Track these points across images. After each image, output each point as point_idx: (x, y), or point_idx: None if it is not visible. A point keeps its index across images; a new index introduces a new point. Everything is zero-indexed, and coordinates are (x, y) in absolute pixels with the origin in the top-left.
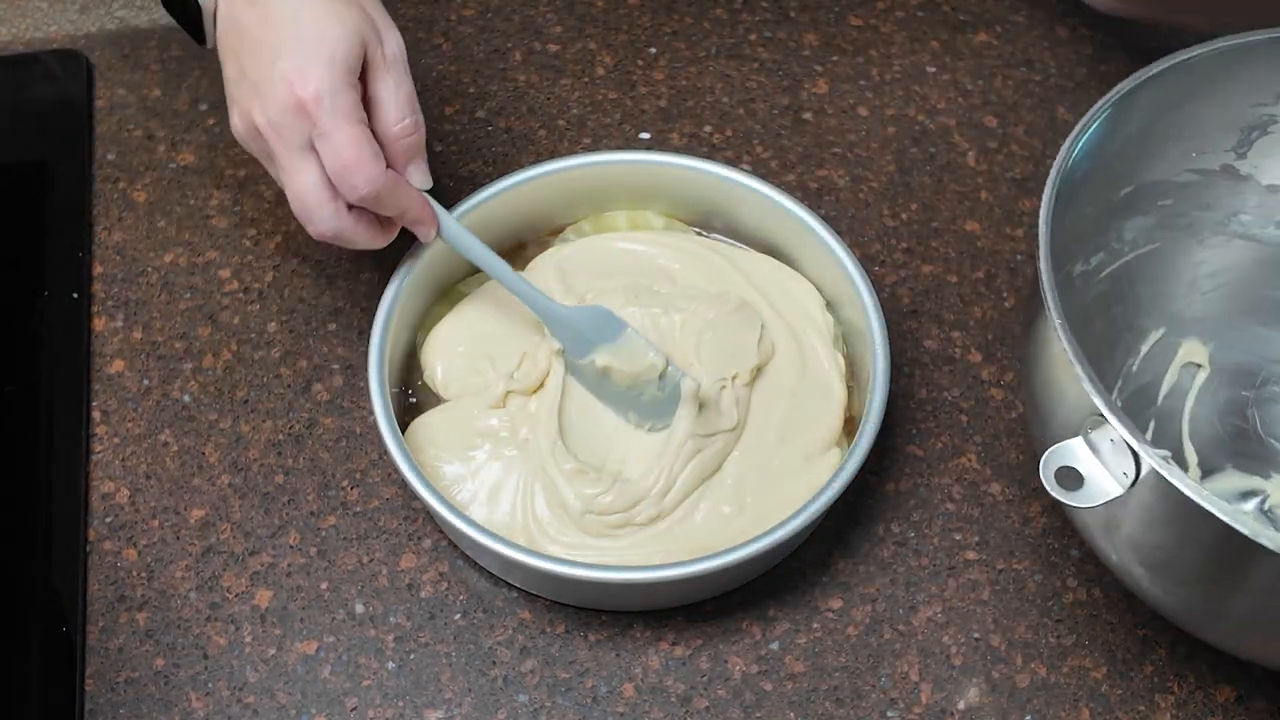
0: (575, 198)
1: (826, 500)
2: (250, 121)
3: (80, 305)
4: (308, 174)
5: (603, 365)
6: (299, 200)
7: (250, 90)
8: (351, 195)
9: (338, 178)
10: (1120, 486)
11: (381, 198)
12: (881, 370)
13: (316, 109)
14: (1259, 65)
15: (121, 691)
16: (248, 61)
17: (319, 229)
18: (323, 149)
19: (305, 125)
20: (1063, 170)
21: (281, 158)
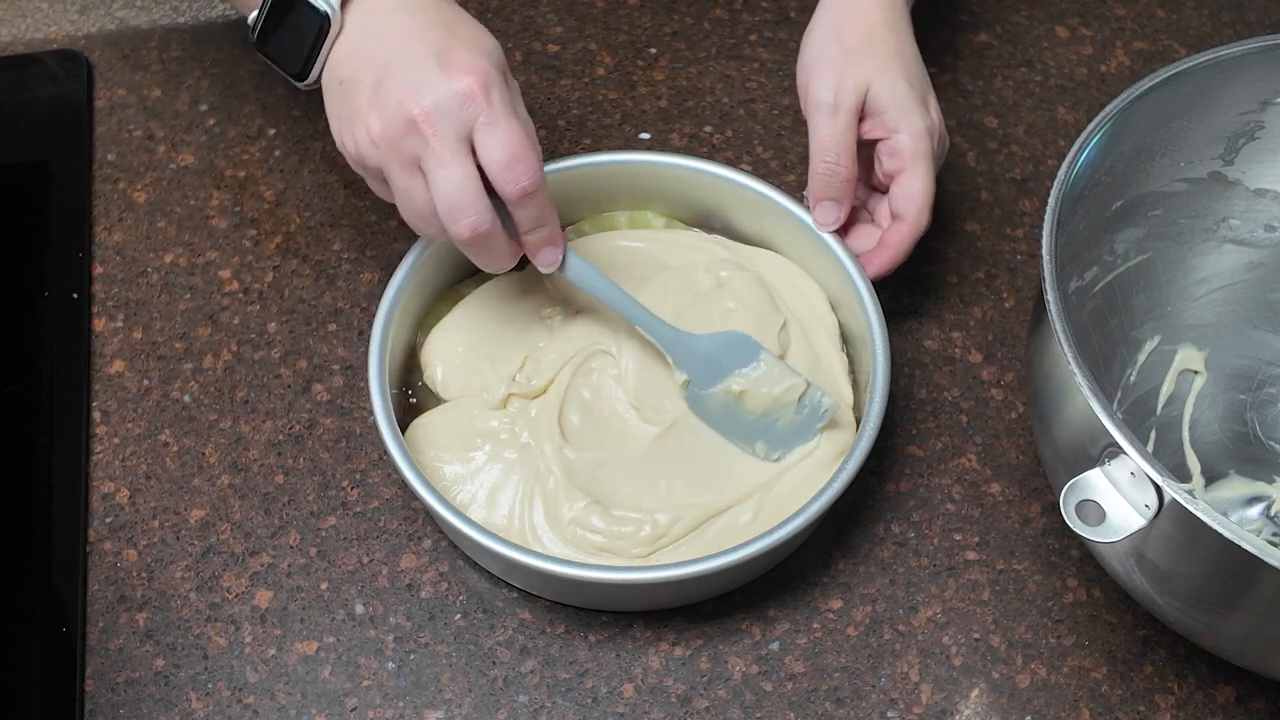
0: (575, 198)
1: (826, 501)
2: (399, 118)
3: (80, 305)
4: (465, 166)
5: (739, 390)
6: (456, 192)
7: (400, 86)
8: (514, 186)
9: (504, 167)
10: (1142, 519)
11: (538, 197)
12: (881, 371)
13: (485, 97)
14: (1247, 76)
15: (121, 692)
16: (395, 62)
17: (474, 223)
18: (488, 138)
19: (470, 113)
20: (1060, 193)
21: (438, 149)
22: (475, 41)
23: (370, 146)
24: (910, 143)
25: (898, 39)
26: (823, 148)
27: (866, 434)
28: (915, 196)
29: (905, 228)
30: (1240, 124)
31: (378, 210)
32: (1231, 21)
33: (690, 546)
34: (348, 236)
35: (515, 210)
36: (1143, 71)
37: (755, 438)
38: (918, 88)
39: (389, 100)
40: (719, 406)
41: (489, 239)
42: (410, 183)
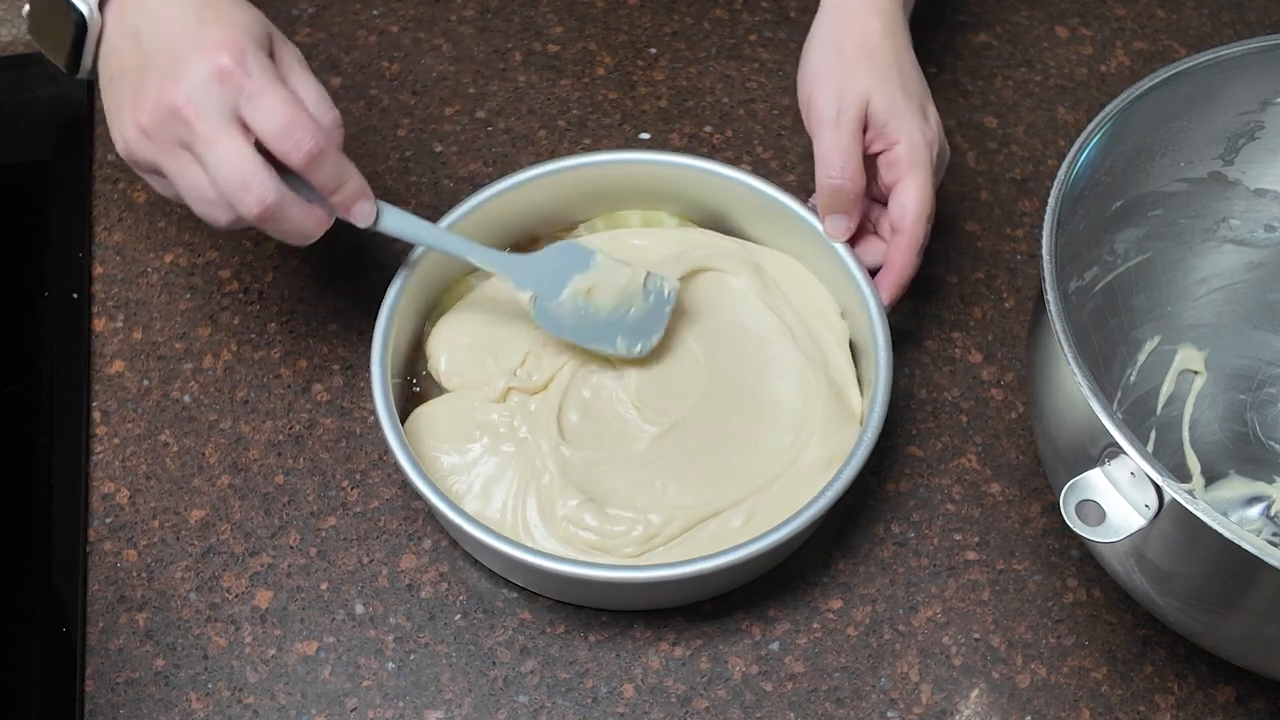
0: (587, 197)
1: (826, 502)
2: (160, 109)
3: (80, 305)
4: (237, 142)
5: (586, 288)
6: (232, 170)
7: (158, 76)
8: (297, 152)
9: (280, 136)
10: (1142, 519)
11: (325, 157)
12: (884, 375)
13: (242, 72)
14: (1247, 76)
15: (122, 692)
16: (152, 55)
17: (261, 196)
18: (256, 111)
19: (231, 90)
20: (1060, 193)
21: (205, 133)
22: (230, 17)
23: (139, 140)
24: (907, 153)
25: (896, 48)
26: (827, 161)
27: (867, 438)
28: (910, 207)
29: (904, 239)
30: (1240, 124)
31: None
32: (1231, 21)
33: (683, 548)
34: (348, 236)
35: (309, 175)
36: (1143, 71)
37: (614, 335)
38: (916, 98)
39: (149, 92)
40: (570, 314)
41: (280, 209)
42: (186, 170)
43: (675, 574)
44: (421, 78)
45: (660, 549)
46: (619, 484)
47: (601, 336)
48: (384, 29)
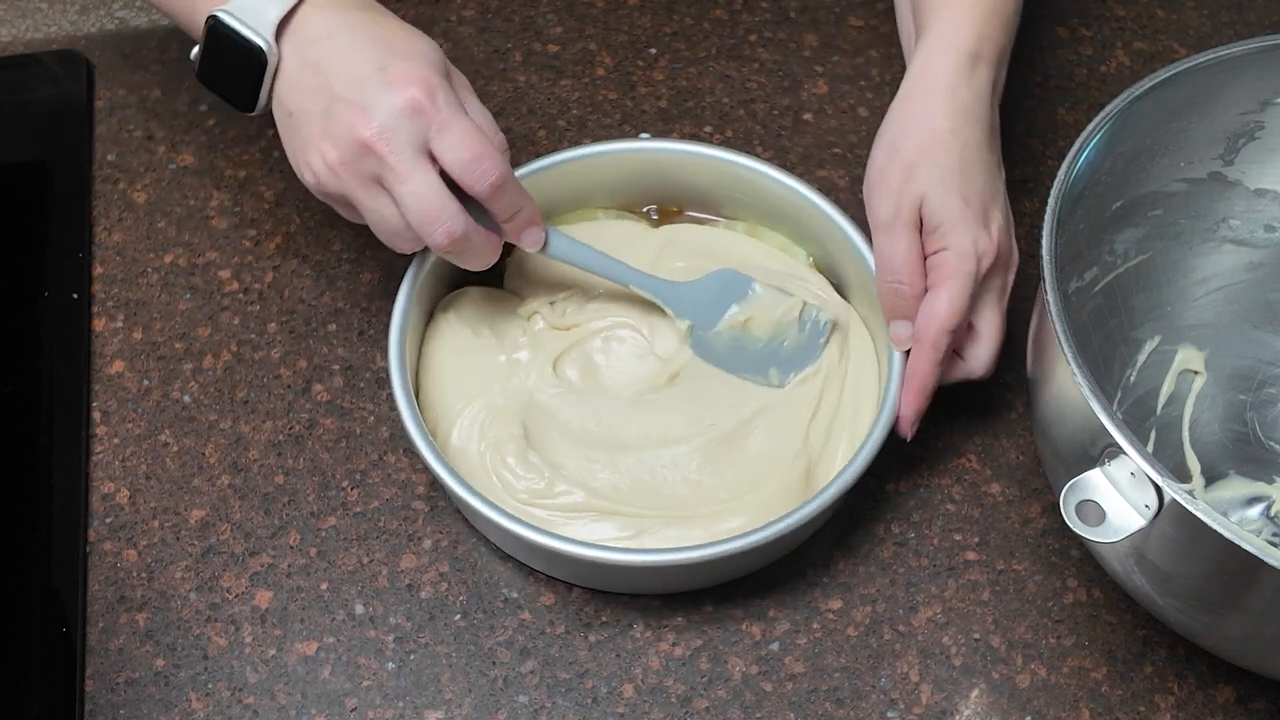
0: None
1: (827, 499)
2: (352, 143)
3: (80, 306)
4: (428, 176)
5: (743, 319)
6: (424, 204)
7: (347, 110)
8: (482, 184)
9: (466, 168)
10: (1142, 519)
11: (507, 188)
12: (896, 376)
13: (432, 106)
14: (1246, 76)
15: (121, 692)
16: (339, 87)
17: (451, 228)
18: (444, 143)
19: (422, 123)
20: (1060, 193)
21: (398, 167)
22: (413, 50)
23: (329, 175)
24: (952, 261)
25: (963, 148)
26: (886, 267)
27: (874, 436)
28: (937, 316)
29: (924, 350)
30: (1240, 124)
31: None
32: (1231, 21)
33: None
34: (348, 236)
35: (490, 204)
36: (1143, 71)
37: (767, 365)
38: (977, 203)
39: (339, 126)
40: (726, 344)
41: (466, 241)
42: (377, 203)
43: (675, 559)
44: None
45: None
46: (575, 443)
47: (754, 367)
48: None
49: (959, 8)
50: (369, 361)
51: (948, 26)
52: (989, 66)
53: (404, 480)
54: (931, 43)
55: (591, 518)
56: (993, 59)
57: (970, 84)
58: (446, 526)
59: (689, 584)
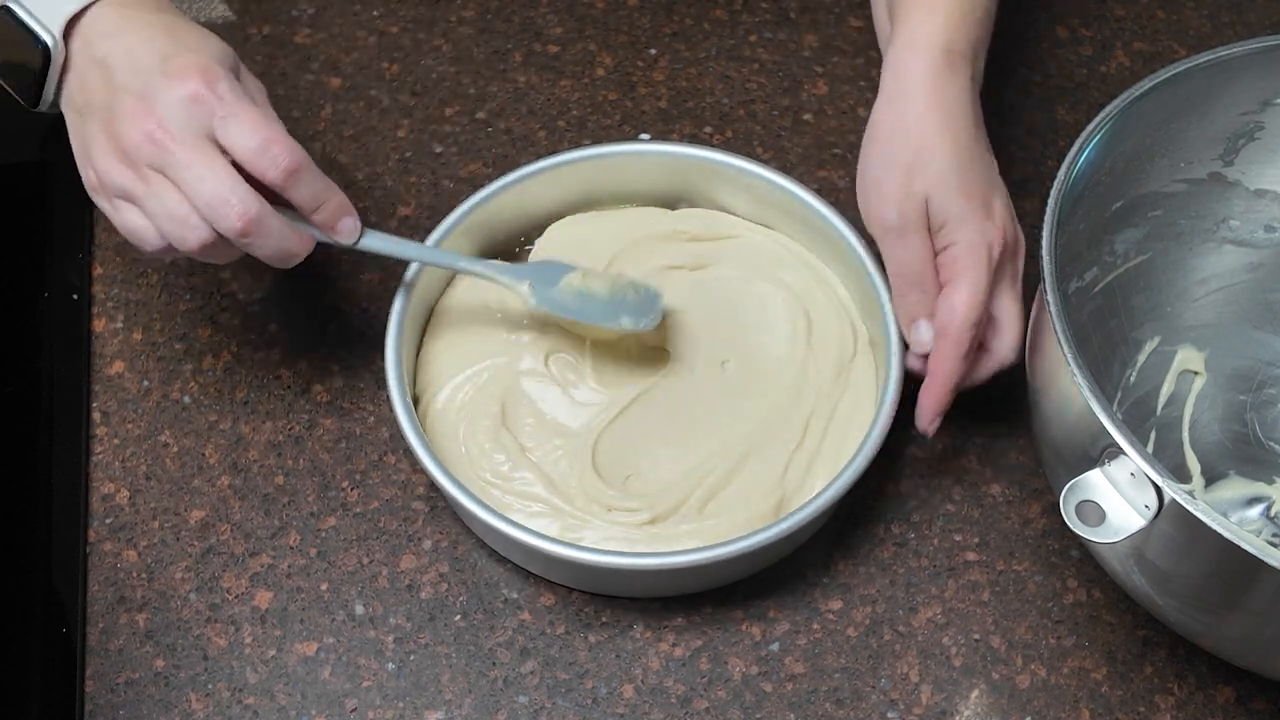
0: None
1: (827, 500)
2: (132, 136)
3: (80, 306)
4: (216, 160)
5: (582, 275)
6: (211, 189)
7: (130, 103)
8: (275, 169)
9: (256, 154)
10: (1142, 519)
11: (304, 173)
12: (895, 378)
13: (214, 95)
14: (1246, 76)
15: (121, 692)
16: (123, 84)
17: (244, 210)
18: (230, 131)
19: (204, 112)
20: (1060, 194)
21: (181, 154)
22: (199, 46)
23: (112, 166)
24: (965, 254)
25: (955, 145)
26: (901, 271)
27: (873, 438)
28: (959, 310)
29: (948, 345)
30: (1240, 125)
31: (377, 211)
32: (1231, 22)
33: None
34: None
35: (289, 192)
36: (1143, 72)
37: (617, 314)
38: (979, 194)
39: (121, 118)
40: (572, 298)
41: (263, 223)
42: (159, 191)
43: (670, 563)
44: (421, 78)
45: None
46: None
47: (605, 315)
48: (384, 29)
49: (930, 3)
50: (369, 362)
51: (919, 22)
52: (966, 60)
53: (404, 481)
54: (905, 41)
55: (541, 509)
56: (968, 52)
57: (952, 80)
58: (446, 527)
59: (686, 588)
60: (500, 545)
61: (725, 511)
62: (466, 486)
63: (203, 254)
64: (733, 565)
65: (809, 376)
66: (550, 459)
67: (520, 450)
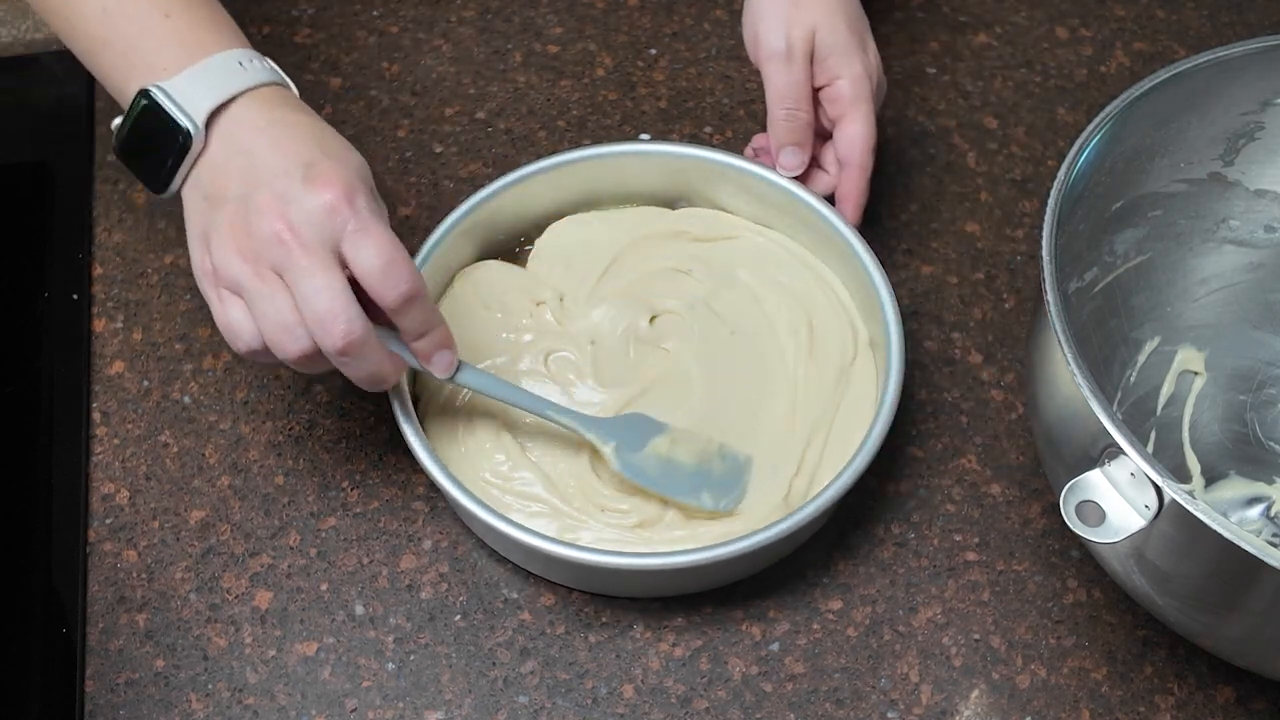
0: (596, 191)
1: (825, 501)
2: (262, 233)
3: (80, 306)
4: (336, 275)
5: (670, 441)
6: (325, 300)
7: (266, 200)
8: (394, 292)
9: (380, 274)
10: (1142, 519)
11: (419, 302)
12: (895, 378)
13: (350, 208)
14: (1246, 76)
15: (122, 693)
16: (263, 175)
17: (347, 330)
18: (359, 246)
19: (337, 224)
20: (1060, 194)
21: (304, 262)
22: (342, 156)
23: (231, 259)
24: (850, 87)
25: None
26: (781, 95)
27: (873, 438)
28: (859, 140)
29: (855, 171)
30: (1240, 125)
31: None
32: (1231, 22)
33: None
34: None
35: (399, 318)
36: (1143, 72)
37: (699, 489)
38: (857, 31)
39: (254, 215)
40: (655, 466)
41: (363, 347)
42: (273, 292)
43: (668, 563)
44: (421, 78)
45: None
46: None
47: (687, 490)
48: (384, 29)
49: None
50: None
51: None
52: None
53: (404, 481)
54: None
55: (540, 508)
56: None
57: None
58: (446, 527)
59: (686, 588)
60: (500, 545)
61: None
62: (466, 486)
63: (297, 363)
64: (733, 565)
65: (809, 379)
66: (550, 459)
67: (520, 450)
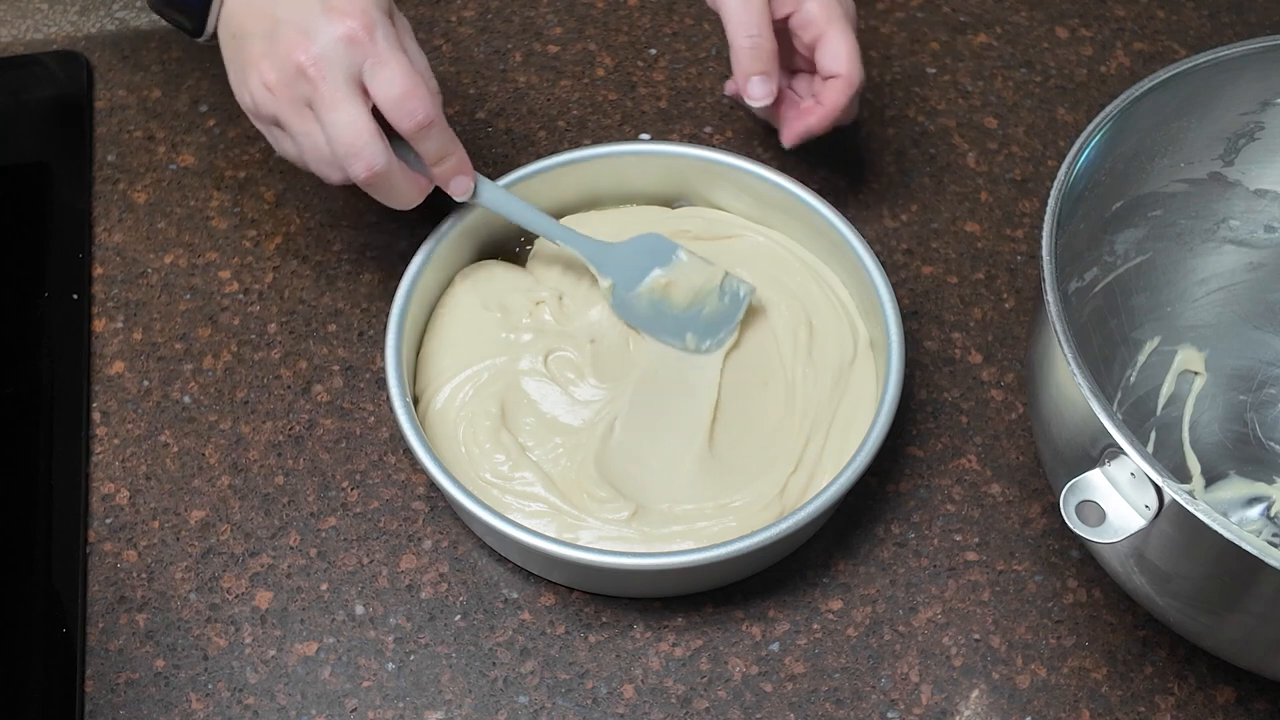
0: (595, 191)
1: (826, 500)
2: (287, 68)
3: (80, 306)
4: (357, 107)
5: (664, 283)
6: (348, 134)
7: (289, 33)
8: (409, 120)
9: (396, 104)
10: (1142, 519)
11: (435, 129)
12: (895, 379)
13: (370, 37)
14: (1246, 76)
15: (122, 693)
16: (283, 11)
17: (371, 162)
18: (378, 77)
19: (358, 54)
20: (1060, 194)
21: (327, 94)
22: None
23: (265, 94)
24: (820, 9)
25: None
26: (742, 24)
27: (873, 437)
28: (844, 53)
29: (841, 83)
30: (1240, 125)
31: (377, 211)
32: (1231, 22)
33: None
34: (348, 237)
35: (417, 144)
36: (1143, 72)
37: (684, 330)
38: None
39: (279, 49)
40: (646, 306)
41: (386, 177)
42: (307, 127)
43: (669, 563)
44: None
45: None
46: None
47: (672, 331)
48: None
49: None
50: (369, 362)
51: None
52: None
53: (404, 481)
54: None
55: (540, 508)
56: None
57: None
58: (446, 527)
59: (686, 588)
60: (500, 545)
61: (726, 514)
62: (466, 486)
63: (359, 184)
64: (733, 565)
65: (808, 378)
66: (550, 458)
67: (520, 450)
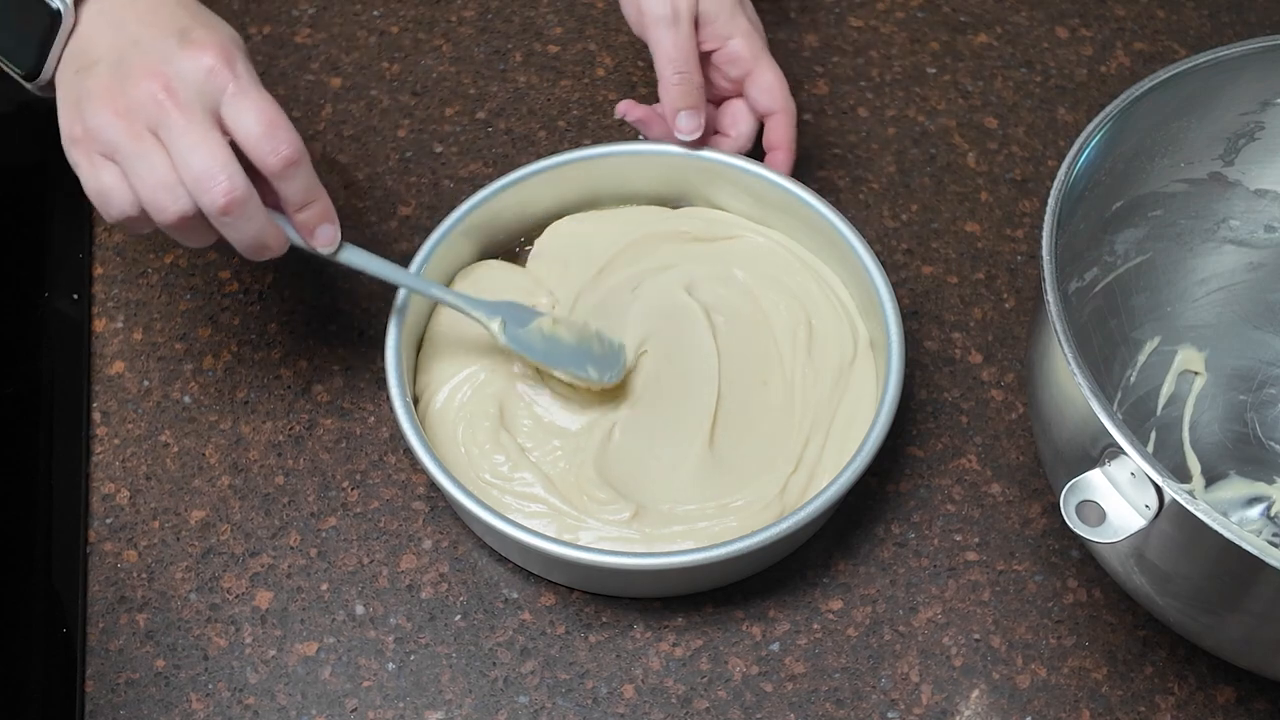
0: (595, 191)
1: (826, 500)
2: (138, 93)
3: (81, 306)
4: (213, 133)
5: (550, 322)
6: (203, 159)
7: (142, 61)
8: (275, 156)
9: (261, 139)
10: (1143, 519)
11: (302, 168)
12: (895, 378)
13: (231, 69)
14: (1246, 76)
15: (122, 693)
16: (138, 46)
17: (229, 187)
18: (239, 109)
19: (217, 84)
20: (1060, 193)
21: (181, 121)
22: (215, 25)
23: (104, 119)
24: (745, 45)
25: None
26: (670, 59)
27: (873, 438)
28: (775, 86)
29: (781, 118)
30: (1240, 125)
31: (377, 210)
32: (1231, 22)
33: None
34: (348, 237)
35: (281, 184)
36: (1143, 72)
37: (585, 362)
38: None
39: (129, 75)
40: (539, 340)
41: (245, 206)
42: (150, 151)
43: (669, 563)
44: (421, 78)
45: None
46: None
47: (572, 362)
48: (384, 29)
49: None
50: (369, 361)
51: None
52: None
53: (404, 481)
54: None
55: (540, 509)
56: None
57: None
58: (446, 527)
59: (685, 588)
60: (500, 545)
61: (727, 514)
62: (466, 487)
63: (176, 228)
64: (733, 565)
65: (808, 378)
66: (549, 459)
67: (520, 450)
